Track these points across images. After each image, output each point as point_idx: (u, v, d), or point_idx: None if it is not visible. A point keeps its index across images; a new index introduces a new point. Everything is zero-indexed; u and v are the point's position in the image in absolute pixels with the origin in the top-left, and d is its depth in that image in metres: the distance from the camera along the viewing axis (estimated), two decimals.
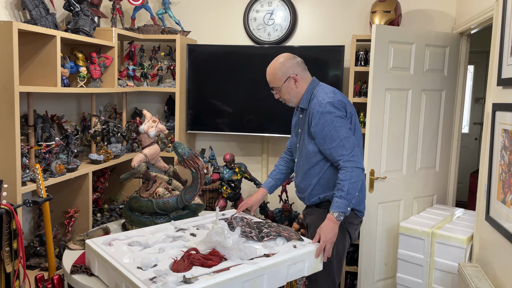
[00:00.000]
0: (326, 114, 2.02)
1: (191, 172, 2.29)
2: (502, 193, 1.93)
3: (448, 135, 3.31)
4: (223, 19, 3.69)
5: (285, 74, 2.11)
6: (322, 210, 2.14)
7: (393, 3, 3.15)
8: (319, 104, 2.04)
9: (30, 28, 2.22)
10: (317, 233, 1.96)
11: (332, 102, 2.04)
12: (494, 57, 2.18)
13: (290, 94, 2.15)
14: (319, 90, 2.13)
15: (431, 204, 3.30)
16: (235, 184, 3.29)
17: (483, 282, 2.03)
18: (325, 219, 2.00)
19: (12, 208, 1.93)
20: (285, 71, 2.11)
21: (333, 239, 1.95)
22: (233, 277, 1.58)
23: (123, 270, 1.59)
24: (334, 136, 2.00)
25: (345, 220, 2.08)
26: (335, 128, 2.01)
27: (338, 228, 2.00)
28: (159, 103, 3.82)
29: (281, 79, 2.11)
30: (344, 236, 2.15)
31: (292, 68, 2.12)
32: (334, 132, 2.00)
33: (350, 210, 1.99)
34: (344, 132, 2.01)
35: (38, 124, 2.47)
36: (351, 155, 1.98)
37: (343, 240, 2.16)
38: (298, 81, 2.12)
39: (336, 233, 1.97)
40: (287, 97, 2.17)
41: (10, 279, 1.95)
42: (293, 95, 2.15)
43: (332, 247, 1.96)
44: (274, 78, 2.13)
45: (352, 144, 2.01)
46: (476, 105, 5.92)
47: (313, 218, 2.20)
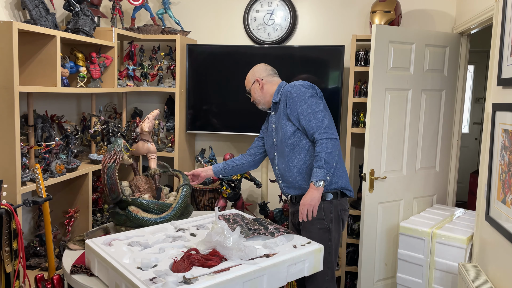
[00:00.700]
0: (299, 93, 2.24)
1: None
2: (502, 193, 1.93)
3: (448, 135, 3.31)
4: (223, 19, 3.69)
5: (253, 78, 2.45)
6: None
7: (393, 3, 3.15)
8: (291, 87, 2.29)
9: (30, 28, 2.22)
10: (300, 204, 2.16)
11: (302, 84, 2.30)
12: (494, 57, 2.18)
13: (256, 95, 2.44)
14: (288, 84, 2.36)
15: (431, 204, 3.30)
16: (235, 184, 3.29)
17: (483, 282, 2.03)
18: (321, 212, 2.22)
19: (12, 208, 1.93)
20: (254, 75, 2.45)
21: (313, 202, 2.13)
22: (233, 277, 1.58)
23: (123, 270, 1.59)
24: (307, 111, 2.21)
25: (340, 208, 2.29)
26: (307, 103, 2.22)
27: (332, 219, 2.25)
28: (159, 103, 3.82)
29: (250, 81, 2.46)
30: (338, 225, 2.30)
31: (259, 73, 2.44)
32: (306, 107, 2.22)
33: (329, 179, 2.15)
34: (316, 106, 2.22)
35: (38, 124, 2.47)
36: (324, 127, 2.18)
37: (339, 230, 2.31)
38: (261, 84, 2.42)
39: (317, 198, 2.13)
40: (255, 98, 2.45)
41: (10, 279, 1.95)
42: (259, 95, 2.43)
43: (312, 210, 2.13)
44: (246, 82, 2.49)
45: (324, 116, 2.21)
46: (476, 105, 5.92)
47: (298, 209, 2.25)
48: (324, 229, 2.24)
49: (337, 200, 2.27)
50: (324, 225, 2.25)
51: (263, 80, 2.42)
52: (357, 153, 3.57)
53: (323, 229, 2.24)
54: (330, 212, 2.26)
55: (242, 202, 3.40)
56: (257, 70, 2.46)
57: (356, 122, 3.35)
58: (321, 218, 2.24)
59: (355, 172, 3.57)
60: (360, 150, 3.43)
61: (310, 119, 2.20)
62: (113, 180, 2.17)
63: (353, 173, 3.57)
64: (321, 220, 2.24)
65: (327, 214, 2.25)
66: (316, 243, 1.95)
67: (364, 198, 3.02)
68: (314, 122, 2.19)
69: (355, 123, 3.34)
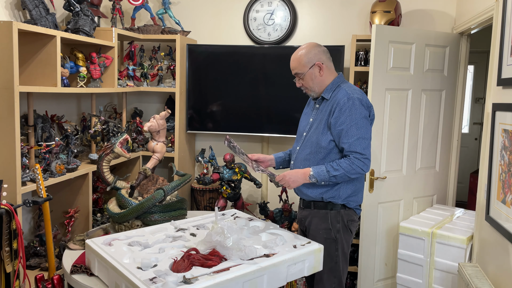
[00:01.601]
0: (353, 108, 2.02)
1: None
2: (502, 193, 1.93)
3: (448, 135, 3.31)
4: (223, 19, 3.69)
5: (311, 60, 2.10)
6: (323, 212, 2.14)
7: (393, 3, 3.15)
8: (348, 96, 2.04)
9: (30, 28, 2.22)
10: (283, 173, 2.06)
11: (361, 100, 2.05)
12: (494, 57, 2.18)
13: (313, 82, 2.13)
14: (346, 85, 2.13)
15: (431, 204, 3.30)
16: (235, 184, 3.29)
17: (483, 282, 2.03)
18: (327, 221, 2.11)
19: (12, 208, 1.93)
20: (311, 57, 2.10)
21: (292, 183, 2.05)
22: (233, 277, 1.58)
23: (123, 270, 1.59)
24: (353, 133, 2.01)
25: (347, 218, 2.14)
26: (357, 125, 2.02)
27: (340, 229, 2.11)
28: (159, 103, 3.82)
29: (306, 66, 2.10)
30: (347, 235, 2.17)
31: (318, 56, 2.11)
32: (355, 128, 2.01)
33: (321, 183, 2.05)
34: (364, 132, 2.03)
35: (38, 124, 2.47)
36: (364, 156, 2.01)
37: (348, 239, 2.18)
38: (322, 69, 2.11)
39: (298, 183, 2.06)
40: (310, 85, 2.14)
41: (10, 279, 1.95)
42: (316, 83, 2.13)
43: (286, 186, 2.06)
44: (299, 64, 2.12)
45: (368, 146, 2.04)
46: (476, 105, 5.92)
47: (314, 222, 2.17)
48: (330, 239, 2.13)
49: (345, 210, 2.15)
50: (331, 235, 2.13)
51: (323, 64, 2.11)
52: None
53: (330, 239, 2.13)
54: (337, 222, 2.14)
55: (242, 202, 3.39)
56: (315, 53, 2.11)
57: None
58: (328, 228, 2.14)
59: None
60: None
61: (353, 142, 2.01)
62: (99, 169, 2.35)
63: None
64: (328, 230, 2.14)
65: (334, 224, 2.14)
66: (316, 243, 1.95)
67: (364, 198, 3.00)
68: (355, 146, 2.01)
69: None
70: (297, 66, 2.13)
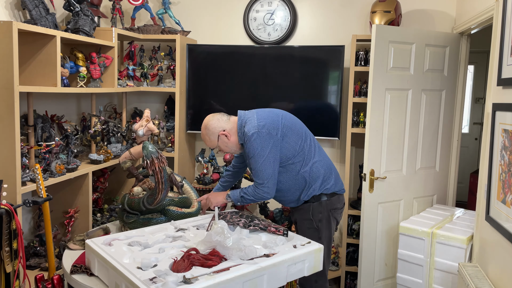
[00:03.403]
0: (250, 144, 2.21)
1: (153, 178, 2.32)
2: (502, 193, 1.93)
3: (448, 135, 3.31)
4: (223, 19, 3.69)
5: (214, 134, 2.29)
6: (307, 205, 2.34)
7: (393, 3, 3.15)
8: (249, 131, 2.22)
9: (30, 28, 2.22)
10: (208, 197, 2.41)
11: (259, 132, 2.21)
12: (494, 57, 2.18)
13: (228, 147, 2.33)
14: (247, 123, 2.26)
15: (431, 204, 3.30)
16: (235, 185, 3.29)
17: (483, 282, 2.03)
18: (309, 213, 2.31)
19: (12, 208, 1.93)
20: (214, 132, 2.29)
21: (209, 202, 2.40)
22: (233, 277, 1.58)
23: (123, 270, 1.59)
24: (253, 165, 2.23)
25: (330, 207, 2.33)
26: (254, 158, 2.21)
27: (322, 219, 2.31)
28: (159, 103, 3.82)
29: (214, 140, 2.30)
30: (329, 224, 2.35)
31: (219, 127, 2.29)
32: (253, 161, 2.22)
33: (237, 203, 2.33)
34: (260, 164, 2.20)
35: (38, 124, 2.47)
36: (262, 185, 2.23)
37: (329, 228, 2.36)
38: (228, 136, 2.29)
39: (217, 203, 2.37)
40: (228, 151, 2.36)
41: (10, 279, 1.95)
42: (230, 146, 2.32)
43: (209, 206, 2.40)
44: (209, 141, 2.33)
45: (264, 175, 2.21)
46: (476, 105, 5.92)
47: (299, 214, 2.39)
48: (313, 229, 2.31)
49: (327, 200, 2.32)
50: (313, 225, 2.31)
51: (225, 130, 2.28)
52: (357, 153, 3.57)
53: (312, 228, 2.31)
54: (319, 213, 2.31)
55: None
56: (213, 125, 2.28)
57: (356, 122, 3.35)
58: (309, 218, 2.32)
59: (355, 172, 3.57)
60: (360, 150, 3.43)
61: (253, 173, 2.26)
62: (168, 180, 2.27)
63: (353, 173, 3.56)
64: (309, 220, 2.32)
65: (316, 215, 2.31)
66: (316, 243, 1.95)
67: (364, 198, 3.02)
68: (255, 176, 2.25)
69: (355, 123, 3.34)
70: (209, 143, 2.34)
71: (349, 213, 3.38)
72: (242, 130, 2.26)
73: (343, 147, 3.54)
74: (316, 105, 3.38)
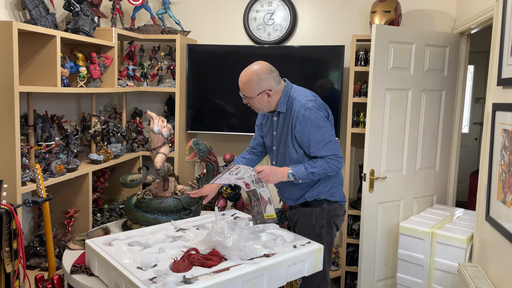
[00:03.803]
0: (312, 117, 2.10)
1: (207, 166, 2.48)
2: (502, 193, 1.93)
3: (448, 135, 3.31)
4: (223, 19, 3.69)
5: (260, 88, 2.12)
6: (309, 210, 2.26)
7: (393, 3, 3.15)
8: (304, 108, 2.11)
9: (30, 28, 2.22)
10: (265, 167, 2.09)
11: (315, 105, 2.13)
12: (494, 57, 2.18)
13: (261, 105, 2.18)
14: (296, 93, 2.18)
15: (431, 204, 3.30)
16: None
17: (483, 282, 2.03)
18: (311, 219, 2.23)
19: (12, 208, 1.93)
20: (261, 85, 2.11)
21: (271, 178, 2.10)
22: (233, 277, 1.58)
23: (123, 270, 1.59)
24: (320, 139, 2.11)
25: (332, 213, 2.26)
26: (321, 131, 2.11)
27: (324, 225, 2.24)
28: (159, 103, 3.82)
29: (255, 92, 2.12)
30: (331, 229, 2.28)
31: (268, 83, 2.13)
32: (320, 135, 2.11)
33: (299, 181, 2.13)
34: (328, 135, 2.13)
35: (38, 124, 2.47)
36: (337, 156, 2.14)
37: (331, 234, 2.29)
38: (271, 95, 2.15)
39: (276, 179, 2.12)
40: (258, 107, 2.19)
41: (10, 279, 1.95)
42: (264, 106, 2.18)
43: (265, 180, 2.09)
44: (247, 89, 2.13)
45: (336, 145, 2.15)
46: (476, 105, 5.92)
47: (301, 218, 2.30)
48: (315, 235, 2.21)
49: (329, 206, 2.25)
50: (315, 231, 2.24)
51: (271, 91, 2.14)
52: (357, 153, 3.57)
53: (314, 234, 2.21)
54: (321, 218, 2.25)
55: (242, 202, 3.40)
56: (265, 79, 2.11)
57: (356, 122, 3.35)
58: (312, 224, 2.24)
59: (355, 172, 3.57)
60: (360, 150, 3.42)
61: (323, 148, 2.12)
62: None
63: (353, 173, 3.56)
64: (312, 226, 2.25)
65: (319, 220, 2.24)
66: (316, 243, 1.95)
67: (364, 198, 3.02)
68: (325, 151, 2.13)
69: (355, 123, 3.34)
70: (246, 90, 2.14)
71: (349, 213, 3.38)
72: (289, 99, 2.16)
73: (343, 147, 3.54)
74: None
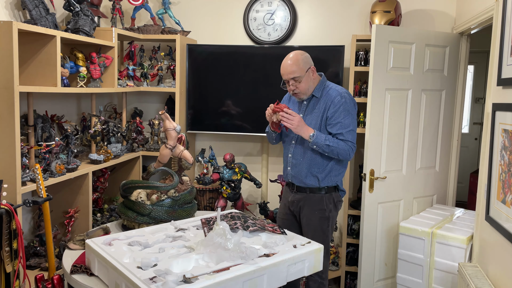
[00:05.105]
0: (346, 104, 2.35)
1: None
2: (502, 193, 1.93)
3: (448, 135, 3.31)
4: (223, 19, 3.69)
5: (307, 64, 2.37)
6: (319, 196, 2.45)
7: (393, 3, 3.15)
8: (341, 95, 2.36)
9: (30, 28, 2.22)
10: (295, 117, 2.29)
11: (351, 98, 2.41)
12: (494, 57, 2.18)
13: (308, 84, 2.38)
14: (332, 84, 2.45)
15: (431, 204, 3.30)
16: (235, 184, 3.29)
17: (483, 282, 2.03)
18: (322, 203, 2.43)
19: (12, 208, 1.93)
20: (307, 61, 2.37)
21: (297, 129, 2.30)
22: (233, 277, 1.58)
23: (123, 269, 1.59)
24: (348, 124, 2.35)
25: (337, 199, 2.49)
26: (351, 118, 2.37)
27: (332, 209, 2.46)
28: (159, 103, 3.82)
29: (304, 69, 2.35)
30: (336, 212, 2.53)
31: (310, 60, 2.40)
32: (349, 121, 2.36)
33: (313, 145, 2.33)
34: (354, 125, 2.40)
35: (38, 124, 2.47)
36: (354, 145, 2.39)
37: (335, 217, 2.55)
38: (314, 72, 2.40)
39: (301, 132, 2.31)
40: (305, 87, 2.37)
41: (10, 279, 1.95)
42: (310, 85, 2.39)
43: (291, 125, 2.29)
44: (298, 68, 2.34)
45: (355, 137, 2.40)
46: (476, 105, 5.92)
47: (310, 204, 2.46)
48: (324, 218, 2.45)
49: (335, 193, 2.48)
50: (325, 214, 2.45)
51: (314, 68, 2.40)
52: (357, 153, 3.57)
53: (324, 218, 2.45)
54: (330, 203, 2.46)
55: (242, 202, 3.40)
56: (308, 56, 2.39)
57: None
58: (323, 208, 2.45)
59: (355, 172, 3.57)
60: (360, 150, 3.43)
61: (347, 132, 2.35)
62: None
63: (353, 173, 3.56)
64: (323, 210, 2.45)
65: (328, 205, 2.45)
66: (316, 242, 1.95)
67: (364, 198, 3.02)
68: (349, 136, 2.35)
69: None
70: (297, 70, 2.34)
71: (349, 213, 3.38)
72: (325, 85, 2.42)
73: None
74: None
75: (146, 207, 2.32)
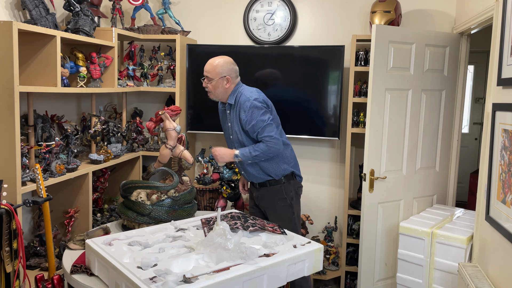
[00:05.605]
0: (254, 108, 2.51)
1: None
2: (502, 193, 1.93)
3: (448, 135, 3.31)
4: (223, 19, 3.69)
5: (223, 72, 2.56)
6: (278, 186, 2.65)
7: (393, 3, 3.15)
8: (248, 100, 2.53)
9: (30, 28, 2.22)
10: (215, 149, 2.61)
11: (258, 99, 2.54)
12: (494, 57, 2.18)
13: (217, 90, 2.59)
14: (244, 90, 2.60)
15: (431, 204, 3.30)
16: (235, 184, 3.29)
17: (483, 282, 2.03)
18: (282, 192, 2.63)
19: (12, 208, 1.93)
20: (224, 70, 2.57)
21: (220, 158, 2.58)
22: (233, 277, 1.58)
23: (123, 269, 1.59)
24: (260, 123, 2.50)
25: (296, 186, 2.70)
26: (261, 117, 2.50)
27: (293, 196, 2.66)
28: (159, 103, 3.82)
29: (218, 75, 2.56)
30: (298, 199, 2.72)
31: (230, 72, 2.59)
32: (260, 121, 2.50)
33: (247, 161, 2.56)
34: (267, 120, 2.52)
35: (38, 124, 2.47)
36: (273, 137, 2.51)
37: (298, 202, 2.73)
38: (229, 83, 2.58)
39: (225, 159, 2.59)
40: (213, 90, 2.59)
41: (10, 279, 1.95)
42: (219, 92, 2.59)
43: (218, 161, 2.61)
44: (213, 71, 2.56)
45: (273, 129, 2.53)
46: (476, 105, 5.92)
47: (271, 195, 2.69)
48: (287, 206, 2.65)
49: (293, 180, 2.67)
50: (287, 202, 2.65)
51: (230, 79, 2.58)
52: (357, 153, 3.57)
53: (287, 206, 2.65)
54: (290, 191, 2.66)
55: (242, 202, 3.40)
56: (229, 67, 2.58)
57: (356, 122, 3.36)
58: (284, 197, 2.64)
59: (355, 172, 3.57)
60: (360, 150, 3.43)
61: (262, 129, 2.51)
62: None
63: (353, 173, 3.56)
64: (284, 199, 2.64)
65: (288, 193, 2.65)
66: (316, 242, 1.95)
67: (364, 198, 3.02)
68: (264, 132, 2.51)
69: (355, 123, 3.34)
70: (210, 71, 2.58)
71: (349, 213, 3.38)
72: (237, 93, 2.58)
73: (343, 147, 3.54)
74: (316, 105, 3.38)
75: (146, 207, 2.32)
